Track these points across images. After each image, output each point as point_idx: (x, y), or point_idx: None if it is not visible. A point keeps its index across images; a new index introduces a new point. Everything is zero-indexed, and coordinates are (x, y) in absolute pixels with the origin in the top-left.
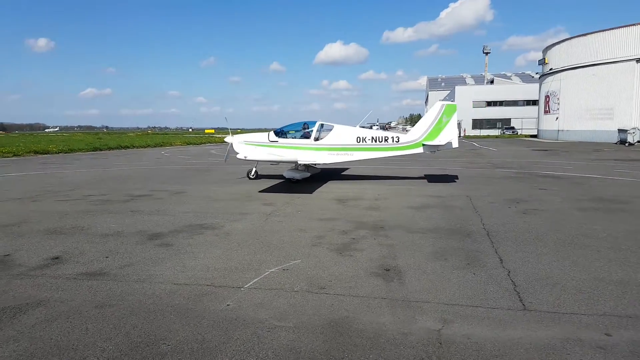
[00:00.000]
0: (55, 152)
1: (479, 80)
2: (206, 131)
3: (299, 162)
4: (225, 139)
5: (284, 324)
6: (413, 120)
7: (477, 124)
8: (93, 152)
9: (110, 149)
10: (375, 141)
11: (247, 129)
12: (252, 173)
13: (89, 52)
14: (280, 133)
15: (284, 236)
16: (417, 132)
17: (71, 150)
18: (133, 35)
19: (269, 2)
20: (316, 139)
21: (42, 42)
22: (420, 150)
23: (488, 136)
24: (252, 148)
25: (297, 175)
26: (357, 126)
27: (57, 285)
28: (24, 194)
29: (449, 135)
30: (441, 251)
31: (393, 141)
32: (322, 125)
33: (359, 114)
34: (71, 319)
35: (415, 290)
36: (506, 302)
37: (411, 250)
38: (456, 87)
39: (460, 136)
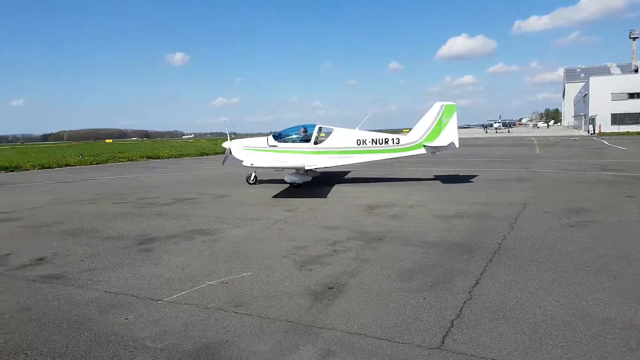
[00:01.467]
0: (166, 157)
1: (626, 69)
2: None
3: (306, 168)
4: (223, 144)
5: (155, 345)
6: (549, 116)
7: (617, 119)
8: (197, 157)
9: (216, 153)
10: (376, 143)
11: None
12: (252, 178)
13: (219, 64)
14: (279, 137)
15: (267, 246)
16: (417, 134)
17: (180, 156)
18: (258, 47)
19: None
20: (316, 143)
21: (178, 56)
22: (421, 151)
23: (627, 133)
24: (255, 154)
25: (298, 179)
26: (357, 128)
27: (11, 286)
28: (92, 195)
29: (450, 136)
30: (416, 269)
31: (393, 143)
32: (320, 128)
33: (486, 111)
34: None
35: (334, 314)
36: (425, 336)
37: (382, 266)
38: (590, 79)
39: (593, 133)
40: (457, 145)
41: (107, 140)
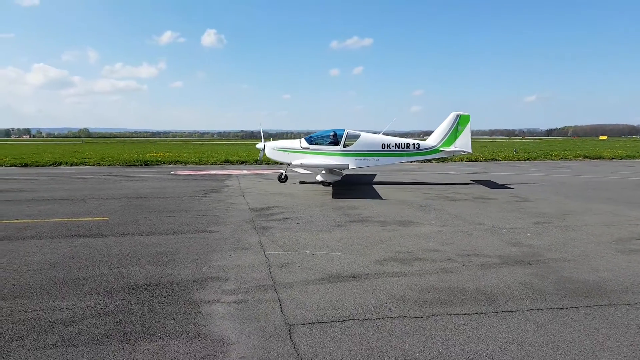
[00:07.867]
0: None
1: None
2: None
3: (349, 167)
4: (257, 146)
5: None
6: None
7: None
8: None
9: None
10: (399, 147)
11: None
12: (283, 177)
13: None
14: (311, 140)
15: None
16: (434, 140)
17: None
18: None
19: None
20: (345, 146)
21: None
22: (439, 155)
23: None
24: (288, 155)
25: (330, 179)
26: (381, 134)
27: (239, 226)
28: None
29: (464, 143)
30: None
31: (414, 148)
32: (348, 133)
33: None
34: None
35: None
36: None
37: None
38: None
39: None
40: (471, 151)
41: (600, 137)
